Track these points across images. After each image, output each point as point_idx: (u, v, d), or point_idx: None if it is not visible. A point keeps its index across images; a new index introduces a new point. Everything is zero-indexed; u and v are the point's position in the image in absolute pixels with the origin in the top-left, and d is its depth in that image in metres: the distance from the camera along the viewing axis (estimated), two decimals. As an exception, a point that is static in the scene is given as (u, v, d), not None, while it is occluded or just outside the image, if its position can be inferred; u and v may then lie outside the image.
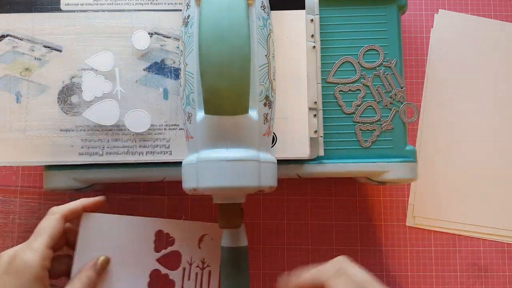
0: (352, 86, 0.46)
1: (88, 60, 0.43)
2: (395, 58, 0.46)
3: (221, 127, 0.37)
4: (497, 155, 0.53)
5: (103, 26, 0.44)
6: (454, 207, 0.52)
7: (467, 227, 0.52)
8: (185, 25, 0.40)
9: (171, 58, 0.44)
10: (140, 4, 0.45)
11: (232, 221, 0.40)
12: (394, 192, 0.53)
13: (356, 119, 0.46)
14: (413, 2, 0.55)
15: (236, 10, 0.35)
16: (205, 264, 0.45)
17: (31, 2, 0.44)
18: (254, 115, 0.38)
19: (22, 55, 0.44)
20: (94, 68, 0.43)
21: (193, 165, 0.38)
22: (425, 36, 0.55)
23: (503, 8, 0.56)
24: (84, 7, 0.45)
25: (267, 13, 0.41)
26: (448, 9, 0.56)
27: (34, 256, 0.37)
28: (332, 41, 0.47)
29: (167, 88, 0.44)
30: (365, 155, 0.45)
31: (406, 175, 0.45)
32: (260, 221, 0.52)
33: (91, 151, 0.43)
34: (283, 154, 0.43)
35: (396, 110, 0.46)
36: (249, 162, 0.37)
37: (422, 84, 0.54)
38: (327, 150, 0.45)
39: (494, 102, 0.54)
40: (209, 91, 0.36)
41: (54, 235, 0.39)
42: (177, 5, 0.45)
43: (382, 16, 0.47)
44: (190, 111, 0.39)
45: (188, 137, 0.40)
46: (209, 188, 0.37)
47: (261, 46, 0.39)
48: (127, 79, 0.44)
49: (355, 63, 0.47)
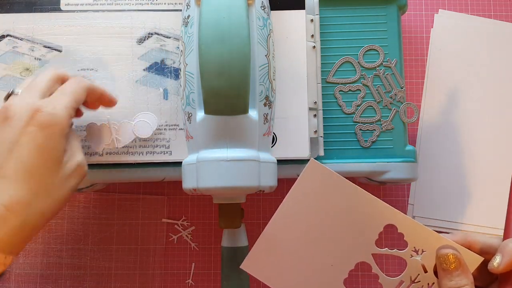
0: (352, 86, 0.46)
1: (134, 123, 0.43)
2: (395, 58, 0.46)
3: (221, 127, 0.37)
4: (497, 155, 0.53)
5: (103, 26, 0.44)
6: (454, 207, 0.52)
7: (467, 227, 0.52)
8: (185, 25, 0.40)
9: (171, 58, 0.44)
10: (140, 4, 0.45)
11: (232, 221, 0.40)
12: (394, 192, 0.53)
13: (356, 119, 0.46)
14: (413, 2, 0.55)
15: (236, 10, 0.35)
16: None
17: (31, 2, 0.44)
18: (254, 115, 0.38)
19: (22, 55, 0.44)
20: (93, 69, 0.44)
21: (193, 165, 0.38)
22: (425, 36, 0.55)
23: (503, 8, 0.56)
24: (84, 7, 0.45)
25: (267, 13, 0.41)
26: (448, 9, 0.56)
27: (61, 111, 0.35)
28: (332, 41, 0.47)
29: (167, 88, 0.44)
30: (365, 155, 0.45)
31: (406, 175, 0.45)
32: (260, 221, 0.52)
33: (91, 151, 0.43)
34: (283, 154, 0.43)
35: (396, 110, 0.46)
36: (249, 162, 0.37)
37: (422, 84, 0.54)
38: (327, 150, 0.45)
39: (494, 102, 0.54)
40: (209, 91, 0.36)
41: (78, 99, 0.37)
42: (177, 5, 0.45)
43: (382, 16, 0.47)
44: (190, 111, 0.39)
45: (188, 137, 0.40)
46: (209, 188, 0.37)
47: (261, 46, 0.39)
48: (127, 79, 0.44)
49: (355, 63, 0.47)
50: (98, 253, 0.51)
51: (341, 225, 0.36)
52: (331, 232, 0.36)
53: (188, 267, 0.52)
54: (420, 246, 0.36)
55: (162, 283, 0.51)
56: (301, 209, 0.36)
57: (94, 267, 0.51)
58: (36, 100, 0.35)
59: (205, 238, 0.52)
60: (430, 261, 0.35)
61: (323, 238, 0.36)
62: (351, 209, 0.36)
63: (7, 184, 0.33)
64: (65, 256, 0.51)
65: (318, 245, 0.36)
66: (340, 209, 0.36)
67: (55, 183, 0.34)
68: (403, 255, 0.36)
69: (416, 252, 0.36)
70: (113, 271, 0.51)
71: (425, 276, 0.36)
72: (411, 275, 0.36)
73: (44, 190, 0.34)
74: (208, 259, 0.52)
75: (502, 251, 0.33)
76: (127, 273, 0.51)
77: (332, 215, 0.36)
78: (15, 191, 0.33)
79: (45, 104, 0.35)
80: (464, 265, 0.33)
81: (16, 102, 0.35)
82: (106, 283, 0.51)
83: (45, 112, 0.34)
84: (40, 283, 0.51)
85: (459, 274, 0.33)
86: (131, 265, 0.51)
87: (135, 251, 0.51)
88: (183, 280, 0.51)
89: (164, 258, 0.52)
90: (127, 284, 0.51)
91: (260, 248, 0.36)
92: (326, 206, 0.36)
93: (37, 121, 0.34)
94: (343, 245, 0.36)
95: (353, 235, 0.36)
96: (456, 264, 0.33)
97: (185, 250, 0.52)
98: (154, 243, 0.52)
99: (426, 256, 0.35)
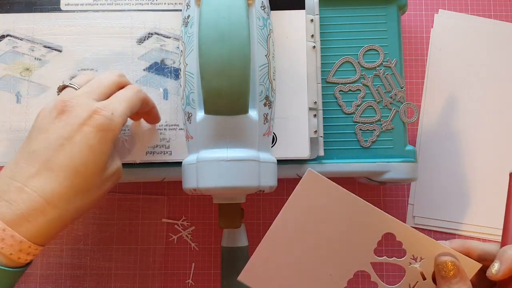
0: (352, 86, 0.46)
1: None
2: (395, 58, 0.46)
3: (221, 127, 0.37)
4: (497, 155, 0.53)
5: (103, 26, 0.44)
6: (454, 207, 0.52)
7: (466, 227, 0.52)
8: (185, 25, 0.40)
9: (171, 58, 0.44)
10: (140, 4, 0.45)
11: (232, 221, 0.40)
12: (394, 192, 0.53)
13: (356, 119, 0.46)
14: (413, 2, 0.55)
15: (236, 10, 0.35)
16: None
17: (31, 2, 0.44)
18: (254, 115, 0.38)
19: (22, 55, 0.44)
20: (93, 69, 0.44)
21: (193, 165, 0.38)
22: (425, 36, 0.55)
23: (503, 8, 0.56)
24: (84, 7, 0.45)
25: (267, 13, 0.41)
26: (448, 9, 0.56)
27: (118, 118, 0.35)
28: (332, 41, 0.47)
29: (167, 88, 0.44)
30: (365, 155, 0.45)
31: (406, 175, 0.45)
32: (260, 221, 0.52)
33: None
34: (283, 154, 0.43)
35: (396, 110, 0.46)
36: (249, 162, 0.37)
37: (422, 84, 0.54)
38: (327, 150, 0.45)
39: (494, 102, 0.54)
40: (209, 91, 0.36)
41: (133, 108, 0.37)
42: (177, 5, 0.45)
43: (382, 16, 0.47)
44: (190, 111, 0.39)
45: (188, 137, 0.40)
46: (209, 188, 0.37)
47: (261, 46, 0.39)
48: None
49: (355, 63, 0.47)
50: (98, 253, 0.51)
51: (340, 234, 0.36)
52: (330, 241, 0.36)
53: (188, 267, 0.52)
54: (419, 254, 0.35)
55: (162, 283, 0.51)
56: (299, 219, 0.36)
57: (94, 267, 0.51)
58: (95, 102, 0.35)
59: (205, 238, 0.52)
60: (428, 268, 0.35)
61: (321, 247, 0.36)
62: (349, 218, 0.35)
63: (52, 177, 0.33)
64: (65, 256, 0.51)
65: (316, 255, 0.36)
66: (338, 218, 0.35)
67: (96, 184, 0.35)
68: (402, 263, 0.36)
69: (414, 260, 0.36)
70: (113, 271, 0.51)
71: (424, 284, 0.35)
72: (410, 283, 0.36)
73: (85, 189, 0.35)
74: (208, 259, 0.52)
75: (501, 258, 0.33)
76: (127, 273, 0.51)
77: (330, 224, 0.35)
78: (58, 186, 0.33)
79: (104, 108, 0.35)
80: (462, 272, 0.33)
81: (76, 99, 0.35)
82: (106, 283, 0.51)
83: (103, 116, 0.35)
84: (40, 283, 0.51)
85: (457, 282, 0.33)
86: (131, 265, 0.51)
87: (135, 251, 0.51)
88: (183, 280, 0.51)
89: (164, 258, 0.52)
90: (127, 284, 0.51)
91: (258, 259, 0.36)
92: (324, 216, 0.36)
93: (94, 122, 0.34)
94: (342, 254, 0.36)
95: (352, 244, 0.36)
96: (454, 272, 0.33)
97: (185, 250, 0.52)
98: (154, 243, 0.52)
99: (424, 264, 0.35)
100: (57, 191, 0.33)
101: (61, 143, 0.34)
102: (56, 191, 0.33)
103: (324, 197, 0.35)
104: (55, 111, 0.35)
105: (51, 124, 0.35)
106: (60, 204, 0.33)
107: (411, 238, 0.35)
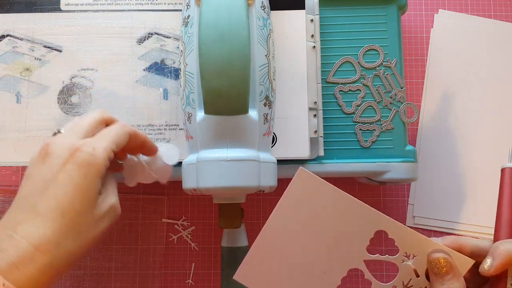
0: (352, 86, 0.46)
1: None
2: (395, 58, 0.46)
3: (221, 127, 0.37)
4: (497, 155, 0.53)
5: (103, 26, 0.44)
6: (454, 207, 0.52)
7: (466, 227, 0.52)
8: (185, 25, 0.40)
9: (171, 58, 0.44)
10: (140, 4, 0.45)
11: (232, 221, 0.40)
12: (394, 192, 0.53)
13: (356, 119, 0.46)
14: (413, 2, 0.55)
15: (236, 10, 0.35)
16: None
17: (31, 2, 0.44)
18: (254, 115, 0.38)
19: (22, 55, 0.44)
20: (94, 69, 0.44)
21: (193, 165, 0.38)
22: (425, 36, 0.55)
23: (503, 8, 0.56)
24: (84, 7, 0.45)
25: (267, 13, 0.41)
26: (448, 9, 0.56)
27: (100, 152, 0.34)
28: (332, 41, 0.47)
29: (167, 88, 0.44)
30: (365, 155, 0.45)
31: (406, 175, 0.45)
32: (260, 221, 0.52)
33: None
34: (283, 154, 0.43)
35: (396, 110, 0.46)
36: (249, 162, 0.37)
37: (422, 84, 0.54)
38: (327, 150, 0.45)
39: (494, 102, 0.54)
40: (209, 91, 0.36)
41: (119, 143, 0.36)
42: (177, 5, 0.45)
43: (382, 16, 0.47)
44: (190, 111, 0.39)
45: (188, 137, 0.40)
46: (209, 188, 0.37)
47: (261, 46, 0.39)
48: (127, 79, 0.44)
49: (355, 63, 0.47)
50: (98, 253, 0.51)
51: (332, 233, 0.36)
52: (323, 239, 0.36)
53: (188, 267, 0.52)
54: (411, 251, 0.35)
55: (162, 283, 0.51)
56: (292, 218, 0.36)
57: (94, 267, 0.51)
58: (78, 140, 0.35)
59: (205, 238, 0.52)
60: (421, 265, 0.35)
61: (315, 246, 0.36)
62: (341, 216, 0.35)
63: (40, 222, 0.32)
64: (65, 256, 0.51)
65: (310, 253, 0.36)
66: (330, 216, 0.35)
67: (87, 223, 0.34)
68: (395, 260, 0.36)
69: (407, 257, 0.36)
70: (113, 271, 0.51)
71: (417, 281, 0.35)
72: (403, 280, 0.36)
73: (75, 230, 0.33)
74: (208, 259, 0.52)
75: (493, 253, 0.33)
76: (127, 273, 0.51)
77: (322, 222, 0.36)
78: (46, 230, 0.32)
79: (85, 144, 0.35)
80: (455, 269, 0.33)
81: (57, 140, 0.35)
82: (106, 283, 0.51)
83: (84, 152, 0.34)
84: (40, 283, 0.51)
85: (450, 278, 0.33)
86: (131, 265, 0.51)
87: (135, 251, 0.51)
88: (183, 280, 0.51)
89: (164, 258, 0.52)
90: (127, 284, 0.51)
91: (253, 258, 0.36)
92: (317, 214, 0.36)
93: (76, 160, 0.34)
94: (335, 252, 0.36)
95: (345, 242, 0.36)
96: (447, 268, 0.33)
97: (185, 250, 0.52)
98: (154, 243, 0.52)
99: (417, 261, 0.35)
100: (45, 235, 0.32)
101: (46, 186, 0.33)
102: (45, 235, 0.32)
103: (316, 196, 0.35)
104: (40, 155, 0.34)
105: (35, 168, 0.34)
106: (50, 248, 0.32)
107: (404, 236, 0.35)
